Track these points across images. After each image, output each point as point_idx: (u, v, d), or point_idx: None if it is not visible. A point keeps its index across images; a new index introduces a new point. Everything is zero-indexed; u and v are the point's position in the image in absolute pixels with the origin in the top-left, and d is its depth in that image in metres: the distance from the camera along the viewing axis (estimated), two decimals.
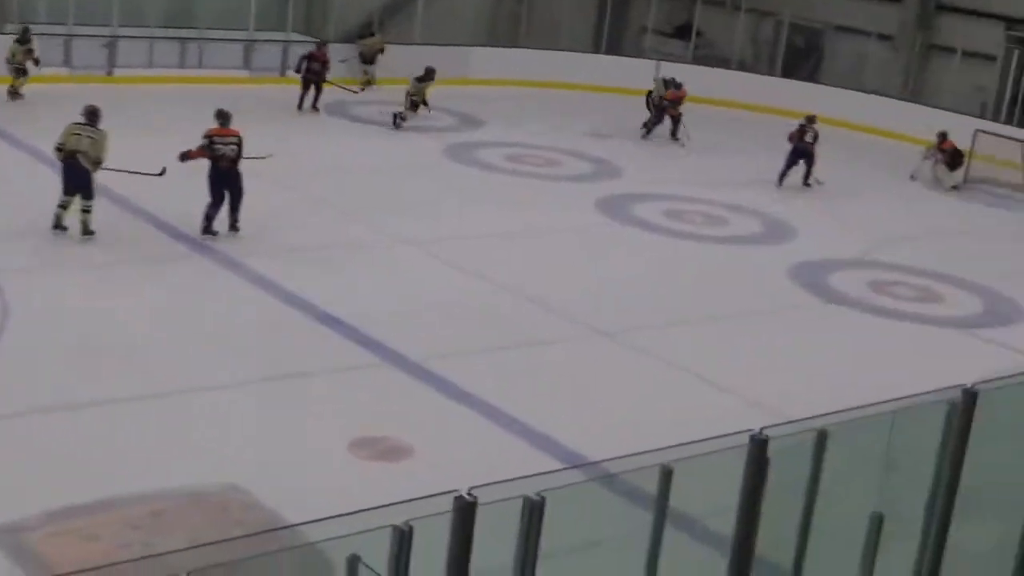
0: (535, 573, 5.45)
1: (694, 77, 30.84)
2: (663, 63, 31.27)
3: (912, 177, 25.20)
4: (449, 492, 4.95)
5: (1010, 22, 30.00)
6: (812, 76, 31.77)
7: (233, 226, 16.30)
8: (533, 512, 5.31)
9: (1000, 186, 25.55)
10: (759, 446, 5.50)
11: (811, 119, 23.88)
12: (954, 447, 6.18)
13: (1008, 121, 28.45)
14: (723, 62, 32.88)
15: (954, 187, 25.00)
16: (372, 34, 28.07)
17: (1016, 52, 29.48)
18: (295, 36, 28.80)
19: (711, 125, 28.41)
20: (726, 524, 6.45)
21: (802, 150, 23.59)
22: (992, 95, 30.00)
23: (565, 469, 10.18)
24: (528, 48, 31.78)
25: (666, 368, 14.03)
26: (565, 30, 32.20)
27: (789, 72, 31.86)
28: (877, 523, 6.40)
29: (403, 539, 4.95)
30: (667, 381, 13.69)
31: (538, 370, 13.65)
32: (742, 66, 33.13)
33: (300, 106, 25.62)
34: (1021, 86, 29.16)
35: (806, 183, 23.74)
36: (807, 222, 21.13)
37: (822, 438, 6.44)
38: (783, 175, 23.64)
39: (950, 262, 19.53)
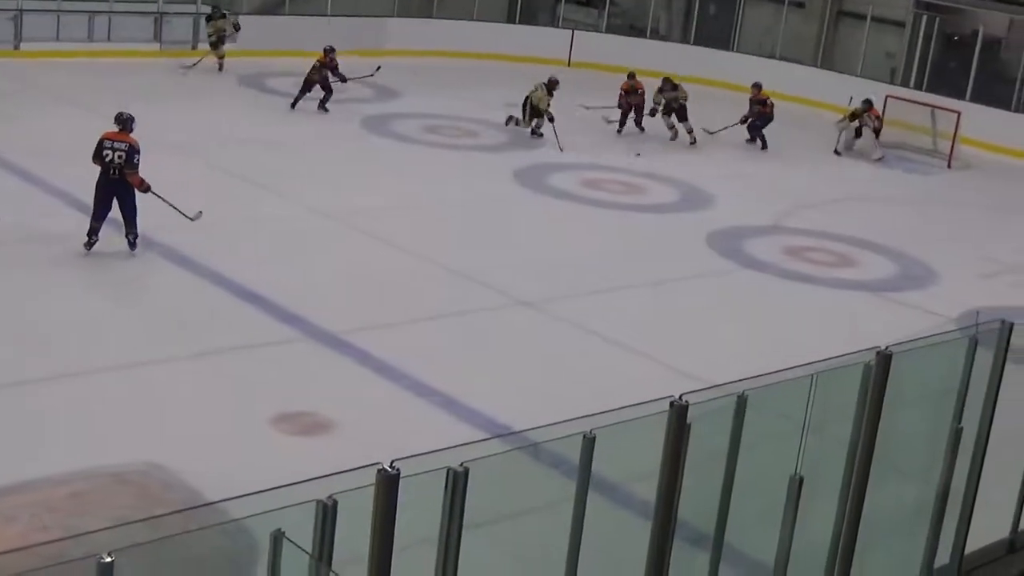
0: (460, 544, 5.46)
1: (608, 46, 31.03)
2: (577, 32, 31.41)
3: (837, 152, 25.32)
4: (371, 465, 4.94)
5: None
6: (726, 44, 31.92)
7: (131, 243, 14.90)
8: (457, 483, 5.32)
9: (912, 151, 25.90)
10: (679, 412, 5.55)
11: (759, 86, 25.06)
12: (870, 409, 6.27)
13: (918, 86, 28.81)
14: (637, 31, 32.95)
15: (880, 158, 25.16)
16: (223, 15, 27.39)
17: (923, 18, 29.86)
18: (205, 9, 28.35)
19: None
20: (649, 490, 6.51)
21: (769, 116, 24.86)
22: (902, 61, 30.38)
23: (487, 439, 10.20)
24: (443, 19, 31.67)
25: (587, 336, 14.09)
26: (479, 0, 32.07)
27: (703, 40, 31.98)
28: (797, 485, 6.49)
29: (327, 513, 4.94)
30: (589, 349, 13.75)
31: (460, 341, 13.66)
32: (656, 34, 33.24)
33: (294, 105, 24.10)
34: (930, 52, 29.56)
35: (764, 148, 24.94)
36: (723, 189, 21.29)
37: (742, 403, 6.51)
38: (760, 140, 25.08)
39: (865, 227, 19.81)
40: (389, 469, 4.88)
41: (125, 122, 14.92)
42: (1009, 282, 18.17)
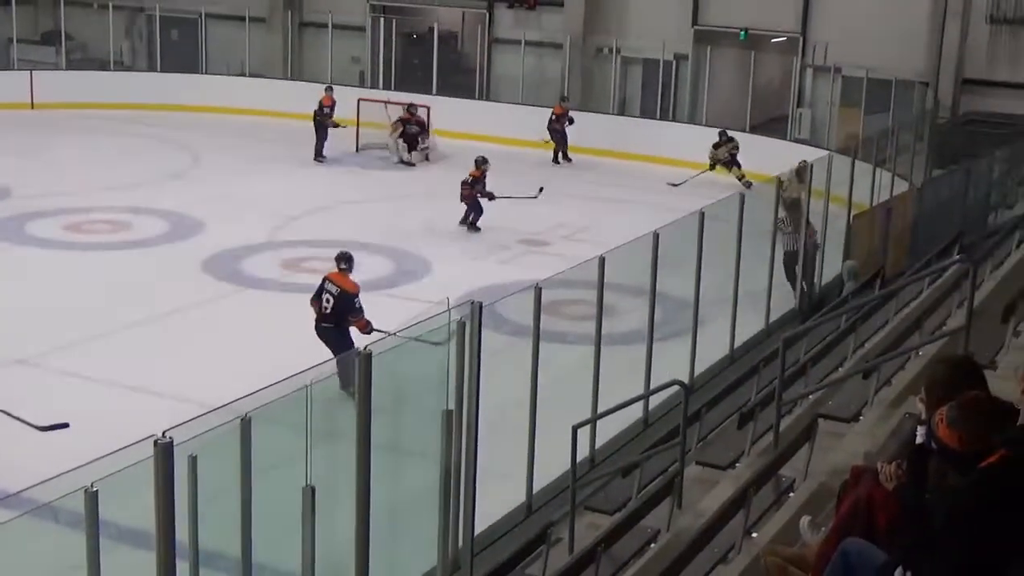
0: None
1: (72, 83, 29.99)
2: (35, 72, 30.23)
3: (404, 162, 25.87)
4: None
5: None
6: (194, 67, 31.62)
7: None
8: None
9: (383, 149, 26.59)
10: (164, 450, 5.50)
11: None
12: (359, 408, 6.47)
13: (387, 87, 29.82)
14: (99, 64, 32.04)
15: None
16: None
17: (381, 20, 30.94)
18: None
19: (98, 131, 27.73)
20: (180, 530, 6.36)
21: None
22: (368, 64, 31.31)
23: None
24: None
25: (93, 385, 13.59)
26: None
27: (170, 66, 31.53)
28: (310, 496, 6.59)
29: None
30: (96, 398, 13.26)
31: None
32: (120, 65, 32.46)
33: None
34: (392, 52, 30.66)
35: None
36: (212, 214, 21.10)
37: (247, 425, 6.53)
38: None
39: (356, 229, 20.31)
40: None
41: (348, 261, 13.87)
42: (498, 259, 19.26)
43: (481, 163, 21.23)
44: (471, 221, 21.05)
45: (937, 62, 25.72)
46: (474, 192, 20.94)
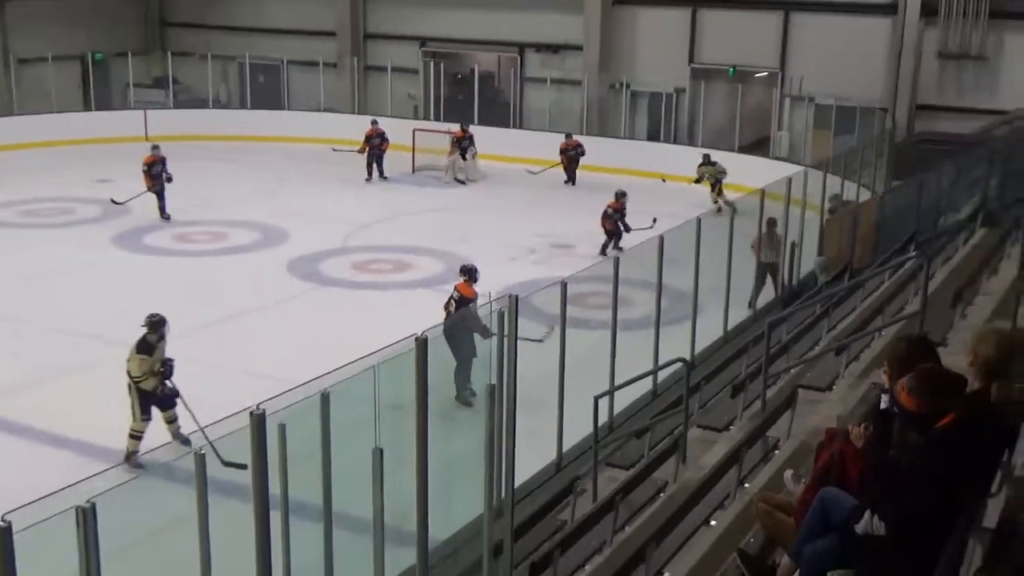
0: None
1: (179, 119, 30.19)
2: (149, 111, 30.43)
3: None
4: None
5: (423, 40, 31.46)
6: (278, 104, 31.78)
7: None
8: (87, 520, 5.00)
9: (438, 170, 26.61)
10: (259, 420, 5.54)
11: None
12: (418, 386, 6.50)
13: (436, 119, 29.85)
14: (201, 103, 32.23)
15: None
16: None
17: (431, 63, 30.99)
18: None
19: (200, 158, 27.85)
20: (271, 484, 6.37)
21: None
22: (421, 100, 31.39)
23: (102, 472, 9.62)
24: (22, 115, 29.62)
25: (198, 367, 13.59)
26: (55, 94, 30.22)
27: (258, 103, 31.72)
28: (379, 457, 6.61)
29: None
30: (201, 378, 13.21)
31: (86, 392, 12.86)
32: (218, 104, 32.65)
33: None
34: (441, 90, 30.72)
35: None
36: (296, 225, 21.20)
37: (326, 399, 6.55)
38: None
39: (414, 236, 20.38)
40: (1, 521, 4.51)
41: (468, 272, 13.31)
42: (531, 260, 19.23)
43: (620, 196, 19.99)
44: (615, 243, 19.70)
45: (895, 91, 25.47)
46: (614, 222, 19.77)
